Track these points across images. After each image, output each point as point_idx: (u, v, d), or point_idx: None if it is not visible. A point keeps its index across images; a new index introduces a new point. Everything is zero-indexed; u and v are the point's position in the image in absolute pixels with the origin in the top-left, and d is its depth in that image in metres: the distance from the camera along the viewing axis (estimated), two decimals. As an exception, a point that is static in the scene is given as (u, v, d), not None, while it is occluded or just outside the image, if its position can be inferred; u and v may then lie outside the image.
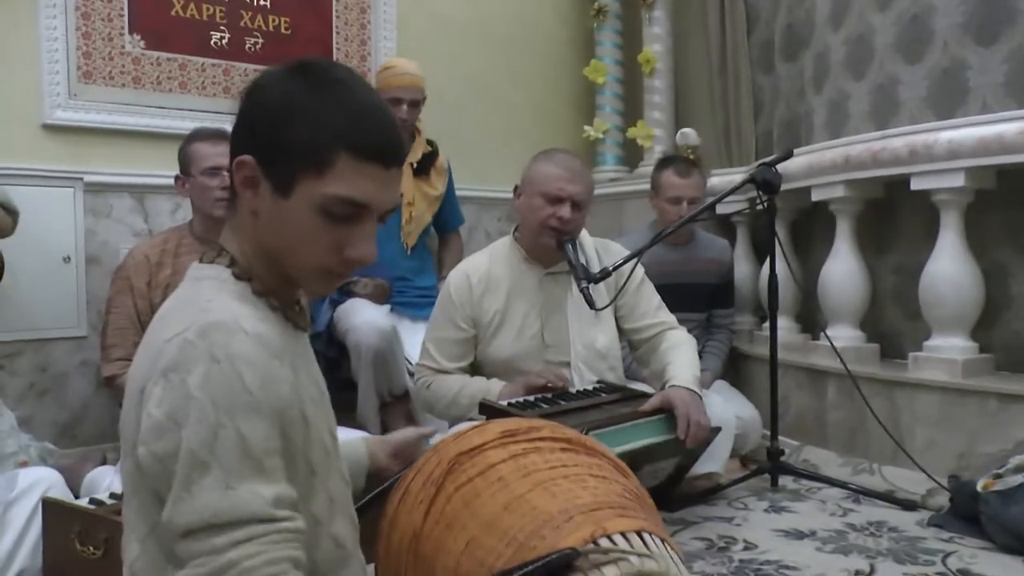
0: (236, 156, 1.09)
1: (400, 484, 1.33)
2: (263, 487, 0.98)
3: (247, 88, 1.13)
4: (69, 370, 3.06)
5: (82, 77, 3.10)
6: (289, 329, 1.16)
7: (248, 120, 1.11)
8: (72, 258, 3.05)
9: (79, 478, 2.54)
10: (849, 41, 3.19)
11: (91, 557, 1.63)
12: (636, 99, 4.46)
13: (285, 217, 1.08)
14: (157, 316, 1.12)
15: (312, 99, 1.07)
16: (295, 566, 0.99)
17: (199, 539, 0.95)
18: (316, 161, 1.05)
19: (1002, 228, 2.77)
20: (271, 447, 1.00)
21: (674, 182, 3.24)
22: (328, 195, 1.05)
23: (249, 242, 1.13)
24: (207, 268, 1.14)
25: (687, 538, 2.27)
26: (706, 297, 3.38)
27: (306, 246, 1.09)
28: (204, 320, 1.02)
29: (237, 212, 1.14)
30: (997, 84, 2.69)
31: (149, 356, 1.04)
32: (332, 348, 3.14)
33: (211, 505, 0.95)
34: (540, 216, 2.42)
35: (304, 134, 1.05)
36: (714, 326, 3.46)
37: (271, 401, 1.01)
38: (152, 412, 0.99)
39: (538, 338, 2.50)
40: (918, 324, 2.91)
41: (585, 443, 1.36)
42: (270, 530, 0.97)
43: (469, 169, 3.99)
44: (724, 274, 3.42)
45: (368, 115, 1.09)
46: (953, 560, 2.07)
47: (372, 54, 3.84)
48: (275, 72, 1.12)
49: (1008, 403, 2.45)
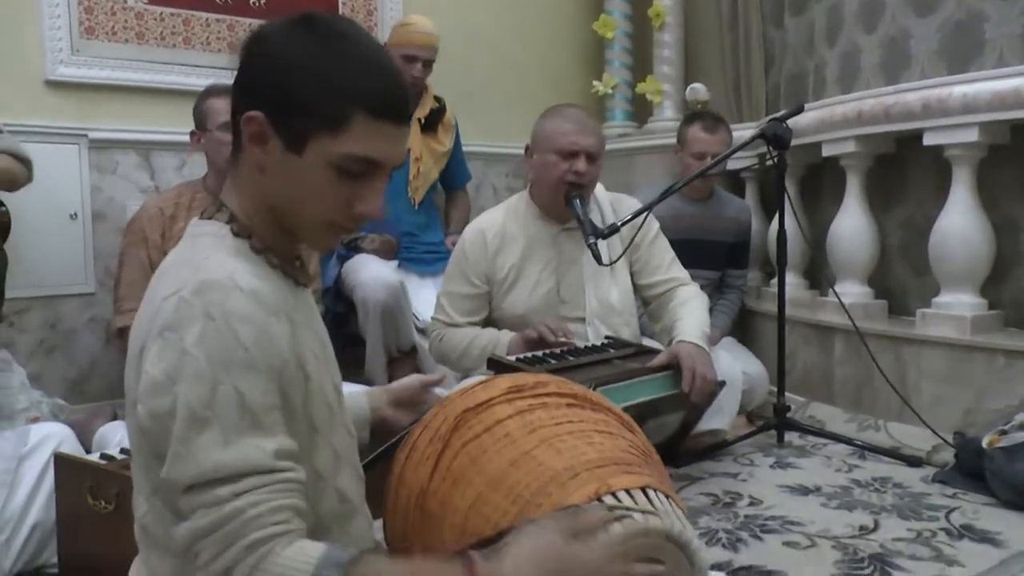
0: (242, 111, 1.08)
1: (407, 440, 1.34)
2: (263, 441, 0.98)
3: (249, 41, 1.12)
4: (78, 326, 3.08)
5: (84, 32, 3.07)
6: (289, 285, 1.16)
7: (256, 75, 1.09)
8: (79, 215, 3.05)
9: (90, 434, 2.57)
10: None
11: (103, 511, 1.65)
12: (645, 54, 4.41)
13: (296, 173, 1.08)
14: (157, 272, 1.12)
15: (324, 56, 1.06)
16: (297, 514, 1.00)
17: (201, 492, 0.96)
18: (333, 120, 1.05)
19: (1015, 183, 2.74)
20: (269, 403, 1.01)
21: (700, 137, 3.22)
22: (345, 154, 1.06)
23: (251, 198, 1.13)
24: (206, 224, 1.14)
25: (693, 493, 2.28)
26: (722, 256, 3.36)
27: (316, 201, 1.09)
28: (200, 278, 1.01)
29: (238, 168, 1.14)
30: (1015, 35, 2.64)
31: (148, 313, 1.05)
32: (340, 304, 3.14)
33: (212, 460, 0.96)
34: (556, 173, 2.42)
35: (320, 93, 1.05)
36: (726, 286, 3.45)
37: (267, 358, 1.01)
38: (149, 370, 1.00)
39: (553, 294, 2.52)
40: (926, 280, 2.90)
41: (591, 399, 1.36)
42: (272, 480, 0.98)
43: (476, 125, 3.95)
44: (741, 234, 3.40)
45: (381, 74, 1.09)
46: (956, 516, 2.08)
47: (379, 9, 3.79)
48: (279, 25, 1.11)
49: (1015, 359, 2.44)
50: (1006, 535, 1.95)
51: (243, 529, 0.95)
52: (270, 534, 0.96)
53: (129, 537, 1.14)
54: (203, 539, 0.95)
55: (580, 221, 2.40)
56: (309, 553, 0.96)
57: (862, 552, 1.87)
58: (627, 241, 2.51)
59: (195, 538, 0.96)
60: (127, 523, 1.17)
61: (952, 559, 1.83)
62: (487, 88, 4.16)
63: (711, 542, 1.94)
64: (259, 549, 0.95)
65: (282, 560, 0.95)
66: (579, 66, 4.55)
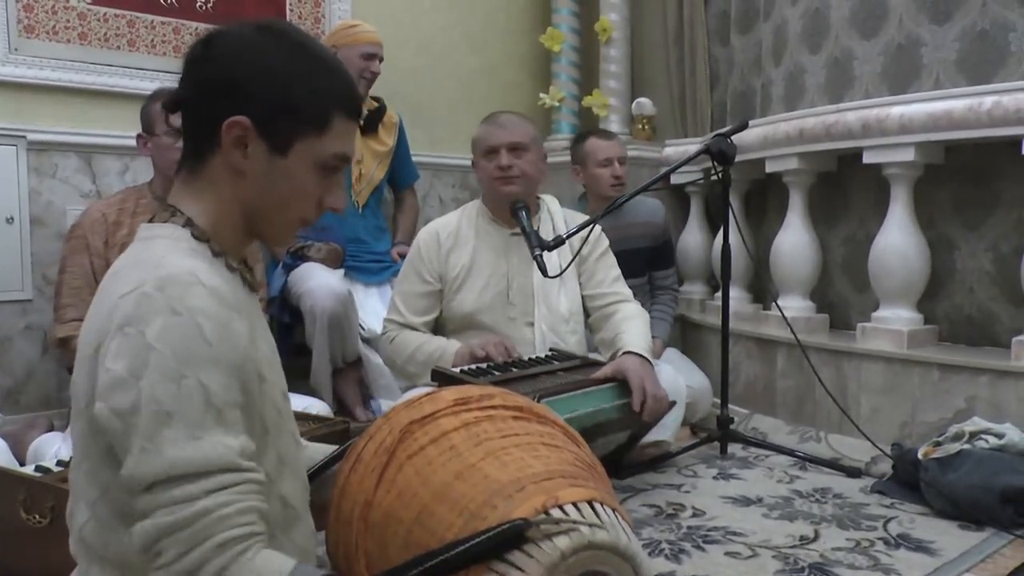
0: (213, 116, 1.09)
1: (351, 452, 1.33)
2: (228, 438, 0.98)
3: (211, 47, 1.12)
4: (13, 334, 2.99)
5: (24, 31, 3.00)
6: (245, 289, 1.18)
7: (236, 81, 1.10)
8: (15, 219, 2.96)
9: (24, 445, 2.50)
10: (806, 14, 3.20)
11: (37, 525, 1.61)
12: (592, 67, 4.44)
13: (280, 175, 1.12)
14: (109, 274, 1.11)
15: (303, 62, 1.12)
16: (261, 517, 1.00)
17: (166, 489, 0.94)
18: (319, 122, 1.12)
19: (949, 202, 2.82)
20: (231, 399, 1.01)
21: (601, 145, 3.30)
22: (331, 153, 1.14)
23: (216, 202, 1.13)
24: (161, 227, 1.13)
25: (636, 505, 2.30)
26: (643, 261, 3.36)
27: (298, 200, 1.15)
28: (161, 274, 1.01)
29: (198, 172, 1.13)
30: (949, 61, 2.72)
31: (103, 313, 1.03)
32: (285, 313, 3.11)
33: (179, 455, 0.95)
34: (486, 173, 2.54)
35: (307, 97, 1.11)
36: (656, 288, 3.45)
37: (229, 354, 1.01)
38: (110, 367, 0.98)
39: (503, 296, 2.54)
40: (866, 295, 2.97)
41: (537, 411, 1.37)
42: (239, 479, 0.97)
43: (423, 135, 3.96)
44: (659, 236, 3.39)
45: (347, 76, 1.19)
46: (893, 525, 2.13)
47: (326, 16, 3.77)
48: (244, 32, 1.13)
49: (949, 373, 2.51)
50: (939, 544, 2.00)
51: (213, 528, 0.94)
52: (239, 535, 0.95)
53: (65, 552, 1.12)
54: (167, 537, 0.94)
55: (525, 232, 2.42)
56: (281, 563, 0.95)
57: (803, 562, 1.90)
58: (576, 252, 2.53)
59: (159, 536, 0.94)
60: (62, 537, 1.14)
61: (889, 568, 1.86)
62: (434, 99, 4.16)
63: (654, 553, 1.95)
64: (230, 550, 0.94)
65: (253, 567, 0.94)
66: (527, 78, 4.57)
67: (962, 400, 2.48)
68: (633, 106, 4.08)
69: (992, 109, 2.40)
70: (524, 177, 2.51)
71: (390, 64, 3.53)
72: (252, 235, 1.19)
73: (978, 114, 2.44)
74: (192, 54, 1.14)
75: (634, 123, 4.14)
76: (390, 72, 3.54)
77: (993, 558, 1.92)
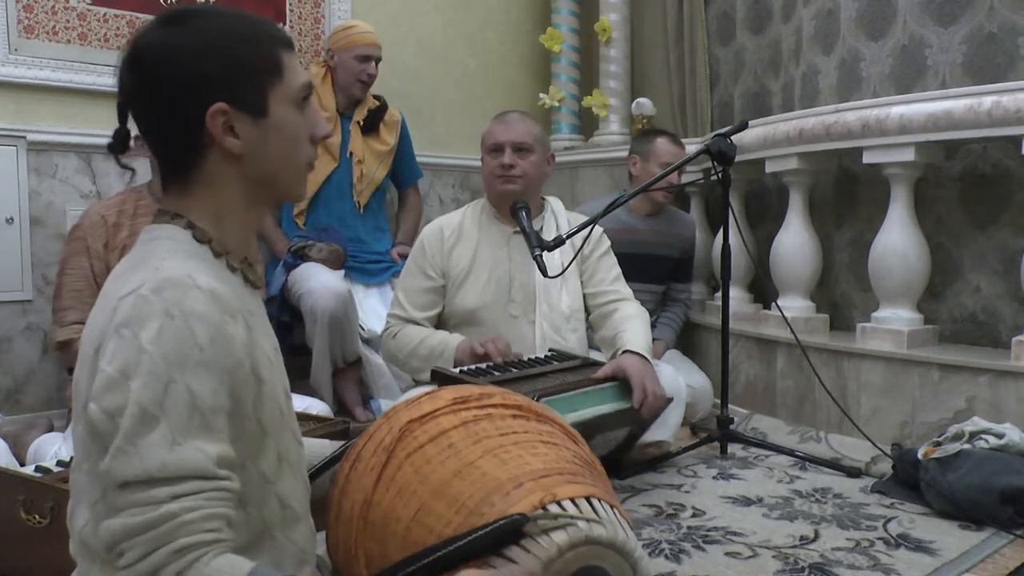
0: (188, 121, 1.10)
1: (351, 451, 1.33)
2: (208, 445, 0.98)
3: (140, 72, 1.13)
4: (14, 335, 2.99)
5: (24, 31, 3.00)
6: (246, 288, 1.18)
7: (188, 75, 1.10)
8: (15, 219, 2.97)
9: (24, 446, 2.50)
10: (819, 15, 3.21)
11: (36, 526, 1.61)
12: (592, 67, 4.45)
13: (272, 132, 1.14)
14: (112, 275, 1.11)
15: (231, 24, 1.14)
16: (228, 524, 1.00)
17: (138, 490, 0.95)
18: (274, 68, 1.14)
19: (949, 202, 2.82)
20: (218, 405, 1.00)
21: (670, 149, 3.29)
22: (297, 86, 1.16)
23: (219, 201, 1.14)
24: (162, 228, 1.14)
25: (636, 505, 2.30)
26: (667, 271, 3.41)
27: (296, 145, 1.17)
28: (160, 276, 1.02)
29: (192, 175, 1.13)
30: (956, 64, 2.72)
31: (104, 314, 1.04)
32: (285, 313, 3.11)
33: (156, 459, 0.95)
34: (487, 170, 2.57)
35: (252, 54, 1.13)
36: (670, 299, 3.50)
37: (220, 358, 1.01)
38: (104, 368, 0.99)
39: (504, 293, 2.55)
40: (869, 296, 2.96)
41: (536, 410, 1.37)
42: (209, 487, 0.97)
43: (423, 135, 3.95)
44: (687, 249, 3.46)
45: (260, 16, 1.21)
46: (893, 525, 2.13)
47: (326, 16, 3.77)
48: (153, 38, 1.13)
49: (949, 373, 2.51)
50: (939, 544, 1.99)
51: (174, 533, 0.94)
52: (199, 541, 0.95)
53: (65, 553, 1.11)
54: (132, 538, 0.94)
55: (525, 232, 2.42)
56: (238, 567, 0.95)
57: (803, 562, 1.90)
58: (577, 250, 2.54)
59: (125, 535, 0.94)
60: (61, 538, 1.14)
61: (889, 568, 1.86)
62: (434, 99, 4.16)
63: (654, 553, 1.95)
64: (187, 555, 0.94)
65: (208, 571, 0.94)
66: (527, 78, 4.58)
67: (962, 400, 2.48)
68: (633, 106, 4.07)
69: (992, 109, 2.40)
70: (525, 177, 2.52)
71: (390, 64, 3.53)
72: (269, 205, 1.22)
73: (978, 114, 2.43)
74: (127, 88, 1.17)
75: (634, 123, 4.14)
76: (390, 72, 3.54)
77: (993, 558, 1.92)
